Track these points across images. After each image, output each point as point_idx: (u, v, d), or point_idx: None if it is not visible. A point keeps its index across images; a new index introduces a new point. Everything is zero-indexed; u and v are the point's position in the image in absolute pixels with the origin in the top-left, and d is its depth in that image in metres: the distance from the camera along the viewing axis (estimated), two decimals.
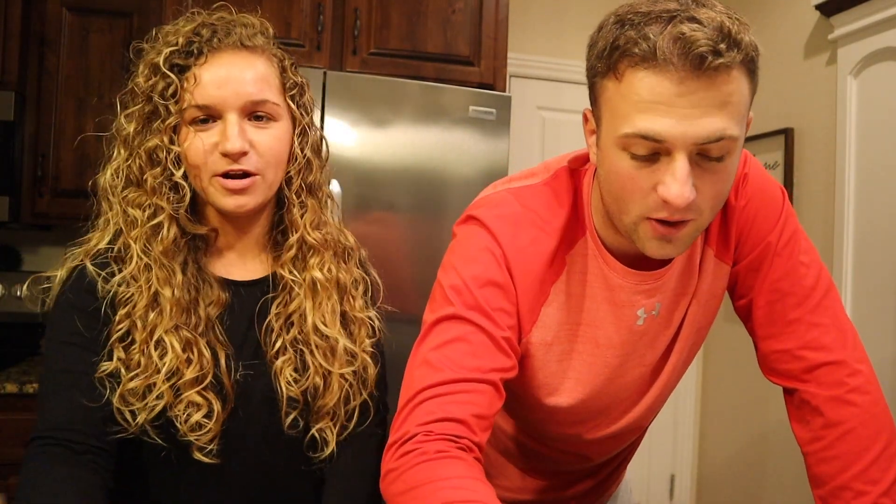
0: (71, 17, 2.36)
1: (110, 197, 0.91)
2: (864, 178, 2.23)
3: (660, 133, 0.69)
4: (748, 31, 0.70)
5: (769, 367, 0.91)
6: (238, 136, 0.86)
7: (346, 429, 0.95)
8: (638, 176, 0.73)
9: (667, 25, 0.68)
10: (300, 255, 0.96)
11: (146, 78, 0.89)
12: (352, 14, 2.23)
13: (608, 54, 0.72)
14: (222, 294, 0.92)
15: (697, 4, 0.70)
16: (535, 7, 2.91)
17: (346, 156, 2.05)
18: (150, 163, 0.89)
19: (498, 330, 0.80)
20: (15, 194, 2.30)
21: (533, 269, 0.84)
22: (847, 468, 0.81)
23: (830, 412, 0.84)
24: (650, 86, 0.69)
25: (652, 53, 0.68)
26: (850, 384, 0.85)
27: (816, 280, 0.89)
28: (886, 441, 0.82)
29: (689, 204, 0.71)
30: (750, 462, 2.71)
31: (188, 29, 0.90)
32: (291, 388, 0.90)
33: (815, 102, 2.46)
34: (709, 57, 0.66)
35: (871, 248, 2.19)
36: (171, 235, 0.88)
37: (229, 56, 0.89)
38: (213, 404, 0.85)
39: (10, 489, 2.01)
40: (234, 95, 0.87)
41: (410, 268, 2.04)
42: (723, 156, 0.72)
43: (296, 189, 0.95)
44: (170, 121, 0.87)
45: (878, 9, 2.16)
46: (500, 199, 0.88)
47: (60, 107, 2.35)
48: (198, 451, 0.85)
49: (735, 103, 0.70)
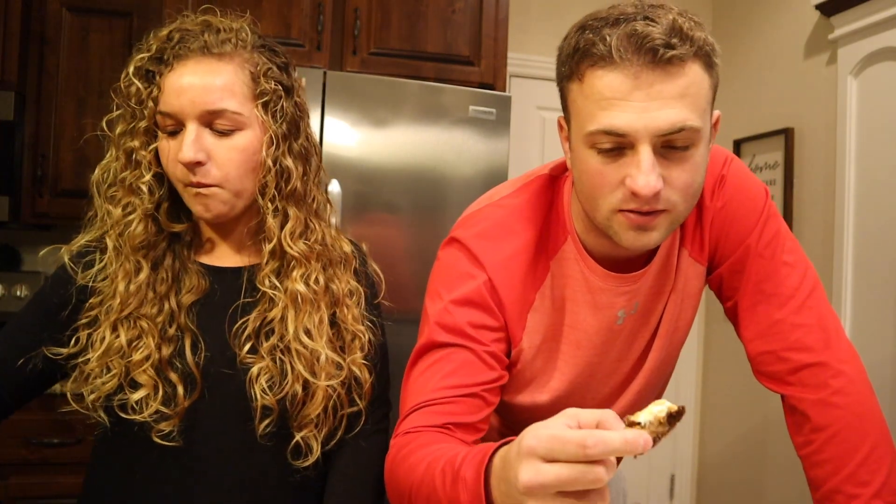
0: (71, 17, 2.36)
1: (97, 194, 0.95)
2: (864, 178, 2.23)
3: (621, 127, 0.73)
4: (702, 29, 0.75)
5: (758, 370, 0.92)
6: (191, 146, 0.87)
7: (334, 437, 0.95)
8: (606, 171, 0.76)
9: (622, 25, 0.73)
10: (282, 267, 0.94)
11: (127, 81, 0.91)
12: (352, 14, 2.23)
13: (571, 58, 0.77)
14: (202, 282, 0.95)
15: (653, 7, 0.75)
16: (535, 7, 2.91)
17: (346, 156, 2.05)
18: (129, 163, 0.92)
19: (481, 346, 0.85)
20: (15, 194, 2.30)
21: (516, 281, 0.87)
22: (837, 471, 0.82)
23: (817, 416, 0.84)
24: (609, 83, 0.73)
25: (609, 52, 0.72)
26: (834, 386, 0.85)
27: (801, 280, 0.89)
28: (874, 441, 0.82)
29: (657, 193, 0.74)
30: (750, 462, 2.71)
31: (162, 34, 0.91)
32: (266, 396, 0.90)
33: (815, 102, 2.46)
34: (660, 49, 0.71)
35: (872, 248, 2.19)
36: (139, 232, 0.91)
37: (193, 64, 0.89)
38: (161, 387, 0.88)
39: (10, 489, 2.01)
40: (190, 104, 0.87)
41: (410, 268, 2.03)
42: (687, 146, 0.75)
43: (269, 197, 0.93)
44: (142, 124, 0.90)
45: (878, 9, 2.16)
46: (480, 217, 0.92)
47: (60, 107, 2.35)
48: (155, 434, 0.88)
49: (693, 95, 0.73)
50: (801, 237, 2.52)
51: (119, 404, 0.88)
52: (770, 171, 2.67)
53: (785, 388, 0.88)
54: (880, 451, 0.82)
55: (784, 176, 2.57)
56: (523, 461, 0.53)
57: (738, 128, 2.88)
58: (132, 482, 0.91)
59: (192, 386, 0.89)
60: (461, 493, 0.64)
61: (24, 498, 2.02)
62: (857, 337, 2.22)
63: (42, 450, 1.99)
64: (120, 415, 0.89)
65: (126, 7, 2.40)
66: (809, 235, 2.49)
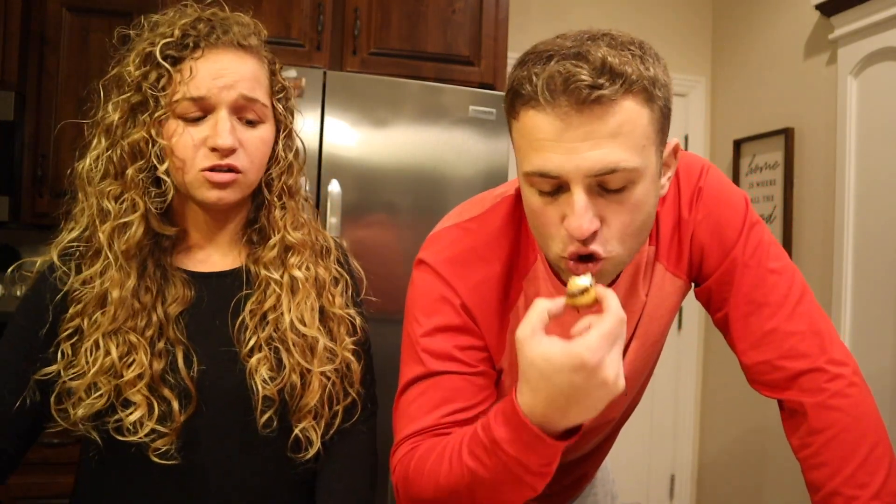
0: (71, 17, 2.36)
1: (87, 187, 0.90)
2: (864, 178, 2.23)
3: (552, 170, 0.71)
4: (641, 61, 0.71)
5: (753, 380, 0.92)
6: (229, 133, 0.87)
7: (332, 427, 0.94)
8: (548, 211, 0.75)
9: (548, 64, 0.70)
10: (279, 255, 0.95)
11: (137, 67, 0.88)
12: (352, 14, 2.23)
13: (508, 94, 0.75)
14: (187, 291, 0.91)
15: (592, 39, 0.71)
16: (535, 7, 2.91)
17: (346, 156, 2.05)
18: (133, 155, 0.88)
19: (470, 368, 0.86)
20: (15, 194, 2.30)
21: (489, 304, 0.88)
22: (836, 474, 0.81)
23: (815, 419, 0.84)
24: (538, 124, 0.71)
25: (535, 93, 0.70)
26: (831, 389, 0.84)
27: (789, 287, 0.88)
28: (872, 443, 0.82)
29: (595, 233, 0.72)
30: (750, 462, 2.71)
31: (184, 22, 0.90)
32: (267, 386, 0.89)
33: (815, 102, 2.46)
34: (586, 91, 0.68)
35: (872, 248, 2.19)
36: (137, 235, 0.87)
37: (225, 53, 0.89)
38: (156, 405, 0.85)
39: (11, 489, 2.01)
40: (228, 89, 0.87)
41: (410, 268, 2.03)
42: (623, 186, 0.72)
43: (277, 191, 0.96)
44: (159, 113, 0.87)
45: (878, 9, 2.16)
46: (448, 240, 0.91)
47: (60, 107, 2.35)
48: (152, 453, 0.85)
49: (627, 133, 0.70)
50: (801, 237, 2.52)
51: (114, 427, 0.85)
52: (770, 171, 2.67)
53: (782, 393, 0.88)
54: (879, 453, 0.82)
55: (784, 176, 2.57)
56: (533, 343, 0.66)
57: (738, 128, 2.88)
58: (129, 500, 0.89)
59: (188, 400, 0.87)
60: (518, 451, 0.68)
61: (24, 498, 2.02)
62: (856, 338, 2.22)
63: (42, 450, 1.99)
64: (114, 437, 0.85)
65: (126, 7, 2.40)
66: (809, 235, 2.49)
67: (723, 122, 3.02)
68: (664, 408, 3.08)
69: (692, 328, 3.07)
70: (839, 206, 2.30)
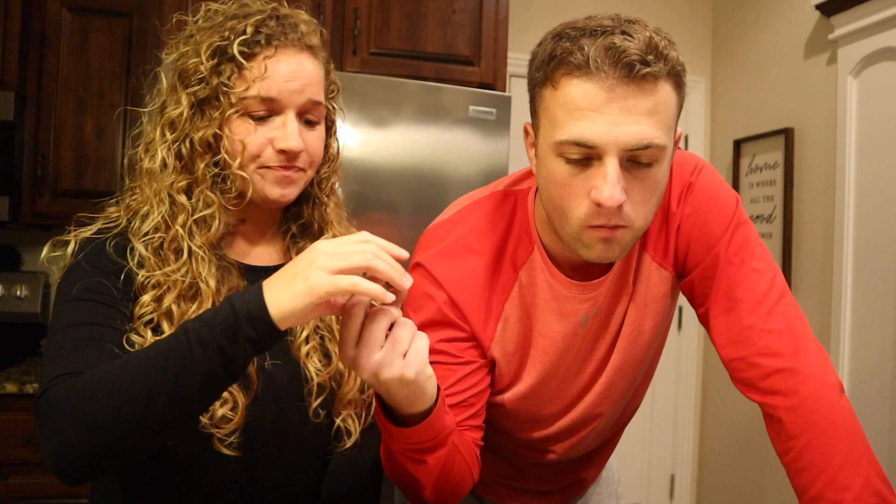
0: (71, 17, 2.36)
1: (149, 180, 0.89)
2: (864, 178, 2.23)
3: (591, 139, 0.74)
4: (675, 49, 0.77)
5: (733, 377, 0.93)
6: (297, 136, 0.88)
7: (364, 418, 0.95)
8: (573, 181, 0.78)
9: (599, 38, 0.74)
10: None
11: (209, 59, 0.86)
12: (352, 14, 2.23)
13: (546, 64, 0.78)
14: (240, 281, 0.91)
15: (629, 22, 0.76)
16: (535, 7, 2.91)
17: (346, 156, 2.02)
18: (203, 150, 0.87)
19: (454, 358, 0.90)
20: (15, 194, 2.30)
21: (474, 294, 0.91)
22: (817, 478, 0.82)
23: (791, 424, 0.85)
24: (583, 92, 0.74)
25: (585, 62, 0.74)
26: (803, 392, 0.85)
27: (770, 287, 0.90)
28: (849, 444, 0.82)
29: (620, 206, 0.76)
30: (750, 462, 2.71)
31: (257, 18, 0.88)
32: (321, 373, 0.91)
33: (815, 102, 2.46)
34: (637, 65, 0.72)
35: (871, 248, 2.19)
36: (220, 229, 0.88)
37: (295, 53, 0.89)
38: (236, 396, 0.84)
39: (10, 489, 2.01)
40: (298, 92, 0.88)
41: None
42: (651, 163, 0.77)
43: (327, 190, 0.99)
44: (231, 111, 0.86)
45: (878, 9, 2.16)
46: (438, 235, 0.95)
47: (60, 107, 2.35)
48: (219, 443, 0.83)
49: (662, 112, 0.75)
50: (801, 237, 2.53)
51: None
52: (770, 171, 2.67)
53: (760, 395, 0.89)
54: (856, 454, 0.82)
55: (784, 176, 2.57)
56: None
57: (738, 128, 2.88)
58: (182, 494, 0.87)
59: (248, 389, 0.86)
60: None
61: (24, 498, 2.02)
62: (856, 337, 2.22)
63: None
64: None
65: (126, 7, 2.40)
66: (809, 235, 2.49)
67: (723, 122, 3.02)
68: (664, 407, 3.08)
69: (692, 328, 3.07)
70: (839, 206, 2.30)
